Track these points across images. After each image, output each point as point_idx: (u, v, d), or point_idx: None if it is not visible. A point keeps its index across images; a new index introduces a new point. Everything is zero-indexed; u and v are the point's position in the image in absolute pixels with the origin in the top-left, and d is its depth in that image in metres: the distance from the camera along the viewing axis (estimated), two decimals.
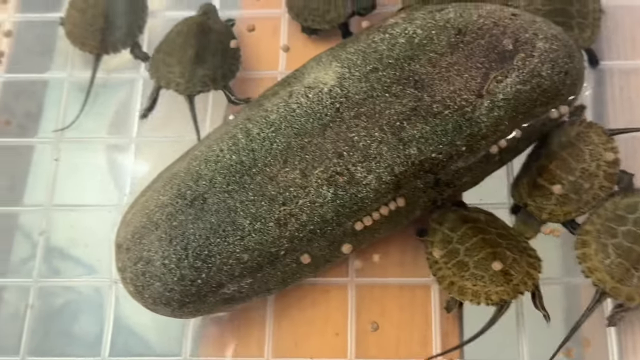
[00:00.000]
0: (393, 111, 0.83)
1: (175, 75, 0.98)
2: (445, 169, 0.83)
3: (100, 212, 0.97)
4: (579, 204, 0.86)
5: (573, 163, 0.86)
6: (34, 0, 1.12)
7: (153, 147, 1.00)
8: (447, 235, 0.85)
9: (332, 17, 1.00)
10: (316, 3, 1.01)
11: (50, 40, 1.09)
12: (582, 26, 0.95)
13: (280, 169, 0.82)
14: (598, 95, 0.97)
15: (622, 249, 0.82)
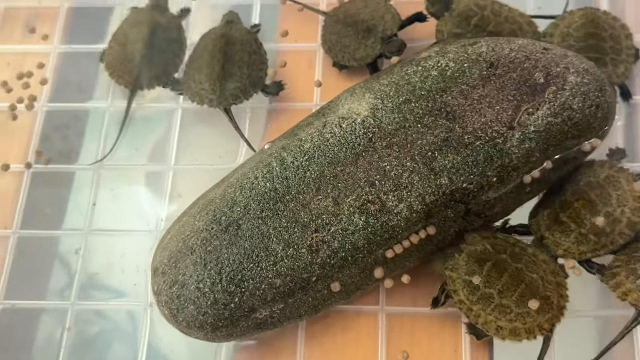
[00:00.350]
0: (425, 141, 0.84)
1: (207, 92, 1.02)
2: (476, 199, 0.85)
3: (137, 237, 1.00)
4: (596, 245, 0.86)
5: (599, 205, 0.86)
6: (78, 32, 1.16)
7: (190, 175, 1.03)
8: (469, 281, 0.84)
9: (361, 55, 1.03)
10: (348, 40, 1.04)
11: (93, 71, 1.13)
12: (615, 62, 0.97)
13: (313, 197, 0.84)
14: (629, 129, 0.98)
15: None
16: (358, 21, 1.04)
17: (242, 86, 1.02)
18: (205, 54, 1.04)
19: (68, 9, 1.18)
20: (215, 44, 1.04)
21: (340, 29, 1.05)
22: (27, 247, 1.02)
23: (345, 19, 1.05)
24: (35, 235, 1.02)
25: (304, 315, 0.87)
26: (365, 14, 1.05)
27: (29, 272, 1.00)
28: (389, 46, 1.01)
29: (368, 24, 1.03)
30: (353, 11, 1.06)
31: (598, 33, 0.98)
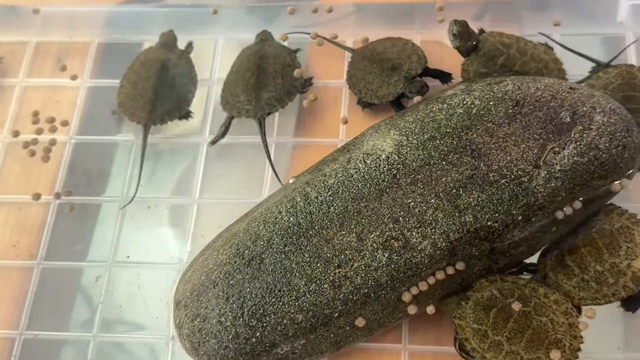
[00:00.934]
0: (449, 179, 0.84)
1: (243, 103, 1.04)
2: (500, 238, 0.84)
3: (160, 270, 1.00)
4: (597, 294, 0.85)
5: (606, 254, 0.85)
6: (107, 67, 1.19)
7: (214, 209, 1.04)
8: (478, 329, 0.83)
9: (383, 93, 1.03)
10: (372, 77, 1.05)
11: None
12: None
13: (336, 232, 0.84)
14: None
15: None
16: (384, 59, 1.05)
17: (277, 95, 1.05)
18: (241, 69, 1.08)
19: (98, 44, 1.20)
20: (250, 58, 1.08)
21: (366, 66, 1.06)
22: (50, 278, 1.02)
23: (372, 56, 1.06)
24: (59, 266, 1.03)
25: (325, 352, 0.87)
26: (392, 52, 1.06)
27: (52, 303, 1.01)
28: (411, 86, 1.02)
29: (394, 63, 1.04)
30: (380, 49, 1.07)
31: (636, 96, 0.96)
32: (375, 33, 1.11)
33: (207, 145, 1.08)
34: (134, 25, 1.20)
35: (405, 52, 1.06)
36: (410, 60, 1.04)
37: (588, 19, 1.06)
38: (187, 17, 1.19)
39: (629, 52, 1.06)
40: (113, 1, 1.22)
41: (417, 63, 1.04)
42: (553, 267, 0.88)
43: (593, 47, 1.08)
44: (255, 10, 1.19)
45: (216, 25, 1.19)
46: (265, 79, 1.05)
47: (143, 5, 1.21)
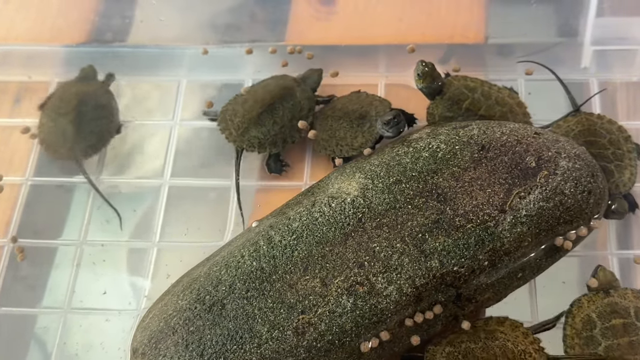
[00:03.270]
0: (415, 223, 0.84)
1: (234, 125, 1.05)
2: (467, 284, 0.84)
3: (118, 316, 0.98)
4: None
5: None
6: None
7: (174, 252, 1.02)
8: None
9: (360, 142, 1.02)
10: (343, 132, 1.04)
11: None
12: (620, 168, 0.96)
13: (300, 277, 0.83)
14: None
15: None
16: (349, 112, 1.05)
17: (263, 140, 1.04)
18: (257, 94, 1.08)
19: (57, 84, 1.19)
20: (271, 90, 1.08)
21: (332, 124, 1.05)
22: (2, 325, 1.00)
23: (335, 114, 1.06)
24: (11, 313, 1.00)
25: None
26: (352, 104, 1.06)
27: (4, 352, 0.98)
28: (385, 126, 1.00)
29: (359, 112, 1.05)
30: (340, 106, 1.07)
31: (597, 141, 0.98)
32: (340, 75, 1.12)
33: (168, 187, 1.07)
34: (95, 65, 1.19)
35: (365, 100, 1.07)
36: (374, 106, 1.05)
37: (552, 65, 1.08)
38: (150, 58, 1.19)
39: (593, 100, 1.08)
40: (73, 40, 1.22)
41: (382, 105, 1.05)
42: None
43: (556, 93, 1.09)
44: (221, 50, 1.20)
45: (179, 67, 1.19)
46: (267, 119, 1.05)
47: (103, 45, 1.21)
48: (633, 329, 0.83)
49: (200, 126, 1.13)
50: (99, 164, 1.10)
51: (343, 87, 1.11)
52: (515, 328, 0.84)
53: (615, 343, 0.83)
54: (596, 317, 0.85)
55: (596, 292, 0.87)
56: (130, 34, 1.23)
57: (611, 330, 0.84)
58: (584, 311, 0.86)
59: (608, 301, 0.86)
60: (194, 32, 1.22)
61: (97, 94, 1.12)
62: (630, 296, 0.87)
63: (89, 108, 1.10)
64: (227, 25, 1.22)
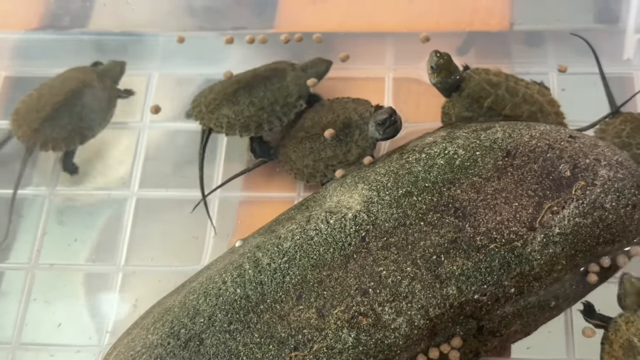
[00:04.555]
0: (429, 243, 0.85)
1: (204, 104, 1.06)
2: (490, 314, 0.84)
3: (76, 354, 0.98)
4: None
5: None
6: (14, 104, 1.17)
7: (143, 278, 1.02)
8: None
9: (357, 154, 1.02)
10: (331, 150, 1.03)
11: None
12: None
13: (292, 307, 0.83)
14: None
15: None
16: (326, 125, 1.04)
17: (233, 120, 1.05)
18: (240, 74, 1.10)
19: (5, 78, 1.19)
20: (257, 70, 1.09)
21: (312, 145, 1.04)
22: None
23: (309, 134, 1.05)
24: None
25: None
26: (326, 116, 1.05)
27: None
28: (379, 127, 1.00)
29: (340, 121, 1.04)
30: (310, 123, 1.06)
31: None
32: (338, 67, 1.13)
33: (135, 199, 1.07)
34: (50, 55, 1.20)
35: (337, 107, 1.07)
36: (351, 109, 1.05)
37: (589, 56, 1.09)
38: (115, 47, 1.19)
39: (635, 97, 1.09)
40: (23, 27, 1.22)
41: (361, 106, 1.05)
42: None
43: (595, 88, 1.10)
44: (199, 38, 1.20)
45: (150, 58, 1.19)
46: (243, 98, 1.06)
47: (60, 32, 1.21)
48: None
49: (175, 129, 1.14)
50: (54, 172, 1.10)
51: (344, 82, 1.11)
52: None
53: None
54: (638, 340, 0.85)
55: (633, 310, 0.87)
56: (91, 18, 1.23)
57: None
58: (622, 335, 0.86)
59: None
60: (167, 16, 1.22)
61: (101, 94, 1.12)
62: None
63: (81, 101, 1.10)
64: (206, 9, 1.22)
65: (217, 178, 1.08)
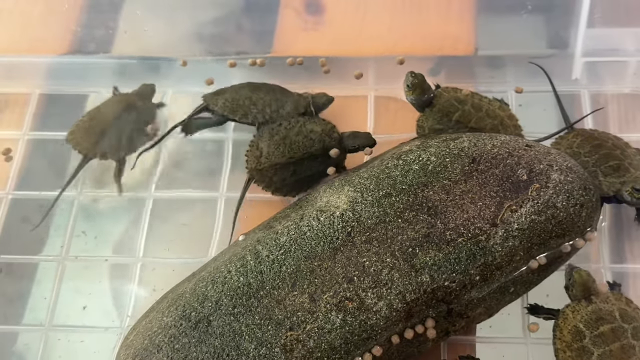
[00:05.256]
0: (405, 237, 0.84)
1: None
2: (458, 299, 0.84)
3: (101, 334, 0.98)
4: None
5: None
6: (49, 120, 1.17)
7: (159, 268, 1.02)
8: None
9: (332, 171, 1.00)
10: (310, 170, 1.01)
11: (63, 159, 1.13)
12: (633, 165, 0.97)
13: (288, 292, 0.83)
14: (615, 229, 0.99)
15: None
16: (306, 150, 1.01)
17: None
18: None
19: (40, 95, 1.19)
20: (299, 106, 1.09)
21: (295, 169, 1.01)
22: None
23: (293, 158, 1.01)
24: None
25: None
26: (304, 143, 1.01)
27: None
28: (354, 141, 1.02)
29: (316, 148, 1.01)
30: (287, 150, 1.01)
31: (603, 143, 0.99)
32: (325, 88, 1.12)
33: (152, 200, 1.07)
34: (78, 76, 1.19)
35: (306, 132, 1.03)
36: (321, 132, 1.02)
37: (543, 76, 1.09)
38: (134, 69, 1.19)
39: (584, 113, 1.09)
40: (55, 51, 1.21)
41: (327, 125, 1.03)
42: None
43: (547, 105, 1.10)
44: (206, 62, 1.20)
45: (164, 78, 1.19)
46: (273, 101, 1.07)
47: (87, 56, 1.21)
48: (622, 332, 0.84)
49: (188, 139, 1.13)
50: (81, 177, 1.10)
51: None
52: None
53: (607, 350, 0.83)
54: (583, 326, 0.85)
55: (578, 301, 0.87)
56: (113, 44, 1.23)
57: (601, 338, 0.84)
58: (570, 322, 0.86)
59: (592, 308, 0.86)
60: (179, 43, 1.22)
61: (144, 111, 1.13)
62: (612, 299, 0.87)
63: (128, 119, 1.11)
64: (213, 36, 1.22)
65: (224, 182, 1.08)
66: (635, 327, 0.84)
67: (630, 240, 0.98)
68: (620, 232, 0.98)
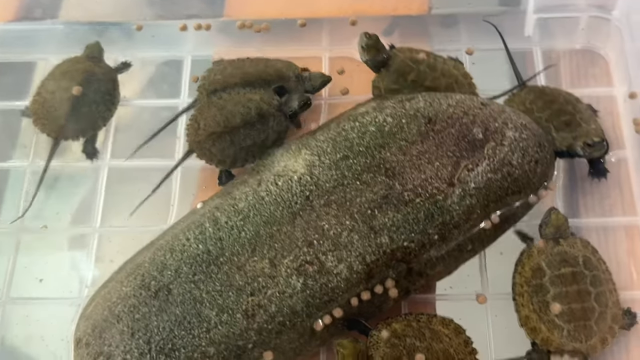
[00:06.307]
0: (364, 199, 0.83)
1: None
2: (417, 258, 0.84)
3: (59, 306, 0.95)
4: None
5: None
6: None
7: (117, 238, 0.99)
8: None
9: (273, 138, 0.97)
10: (249, 139, 0.97)
11: (12, 130, 1.09)
12: (585, 120, 0.97)
13: (248, 258, 0.82)
14: (569, 184, 0.99)
15: None
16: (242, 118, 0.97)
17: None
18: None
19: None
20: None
21: (231, 139, 0.97)
22: None
23: (227, 128, 0.97)
24: None
25: None
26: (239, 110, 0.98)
27: None
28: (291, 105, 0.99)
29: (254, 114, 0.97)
30: (223, 119, 0.97)
31: (555, 99, 0.99)
32: (279, 51, 1.10)
33: (107, 168, 1.04)
34: (25, 43, 1.15)
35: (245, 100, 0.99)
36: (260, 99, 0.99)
37: (496, 34, 1.08)
38: (83, 35, 1.15)
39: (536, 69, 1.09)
40: (1, 19, 1.17)
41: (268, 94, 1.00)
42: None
43: (501, 62, 1.09)
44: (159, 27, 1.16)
45: (114, 44, 1.15)
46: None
47: (34, 22, 1.16)
48: (581, 278, 0.84)
49: (141, 105, 1.10)
50: (35, 147, 1.06)
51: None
52: (458, 334, 0.83)
53: (563, 291, 0.84)
54: (546, 265, 0.86)
55: (547, 240, 0.88)
56: (61, 10, 1.18)
57: (560, 279, 0.85)
58: (534, 260, 0.87)
59: (558, 250, 0.87)
60: (129, 7, 1.18)
61: (104, 78, 1.08)
62: (579, 245, 0.88)
63: (92, 90, 1.05)
64: (163, 0, 1.19)
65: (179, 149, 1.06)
66: (595, 275, 0.85)
67: (584, 195, 0.98)
68: (575, 187, 0.99)
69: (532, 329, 0.84)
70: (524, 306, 0.85)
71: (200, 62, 1.12)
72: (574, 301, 0.83)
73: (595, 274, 0.85)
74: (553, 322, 0.83)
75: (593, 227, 0.95)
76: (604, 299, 0.85)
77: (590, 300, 0.84)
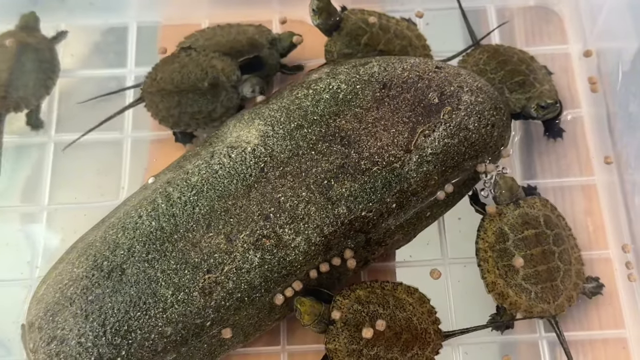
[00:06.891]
0: (320, 169, 0.81)
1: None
2: (376, 228, 0.82)
3: (9, 288, 0.92)
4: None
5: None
6: None
7: (66, 215, 0.96)
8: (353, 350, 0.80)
9: (221, 113, 0.95)
10: (197, 106, 0.95)
11: None
12: (539, 81, 0.96)
13: (203, 234, 0.79)
14: (524, 145, 0.98)
15: None
16: (193, 81, 0.95)
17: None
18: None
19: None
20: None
21: (179, 100, 0.95)
22: None
23: (178, 89, 0.95)
24: None
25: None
26: (190, 70, 0.96)
27: None
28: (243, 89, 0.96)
29: (207, 81, 0.95)
30: (179, 78, 0.96)
31: (509, 59, 0.97)
32: (229, 14, 1.06)
33: (53, 143, 1.00)
34: None
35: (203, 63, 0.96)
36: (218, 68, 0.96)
37: None
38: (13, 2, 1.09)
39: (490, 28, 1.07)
40: None
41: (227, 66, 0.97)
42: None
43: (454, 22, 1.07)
44: None
45: (59, 10, 1.09)
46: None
47: None
48: (544, 238, 0.84)
49: (85, 76, 1.06)
50: None
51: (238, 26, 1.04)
52: (422, 303, 0.83)
53: (528, 254, 0.83)
54: (508, 229, 0.85)
55: (506, 204, 0.87)
56: None
57: (524, 242, 0.84)
58: (495, 224, 0.86)
59: (519, 212, 0.86)
60: None
61: (40, 47, 1.03)
62: (538, 205, 0.87)
63: (29, 60, 1.01)
64: None
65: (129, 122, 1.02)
66: (557, 233, 0.85)
67: (540, 155, 0.98)
68: (530, 148, 0.98)
69: (500, 294, 0.84)
70: (490, 272, 0.84)
71: (147, 28, 1.08)
72: (540, 263, 0.83)
73: (557, 232, 0.85)
74: (520, 286, 0.83)
75: (550, 187, 0.95)
76: (567, 257, 0.85)
77: (554, 259, 0.84)
